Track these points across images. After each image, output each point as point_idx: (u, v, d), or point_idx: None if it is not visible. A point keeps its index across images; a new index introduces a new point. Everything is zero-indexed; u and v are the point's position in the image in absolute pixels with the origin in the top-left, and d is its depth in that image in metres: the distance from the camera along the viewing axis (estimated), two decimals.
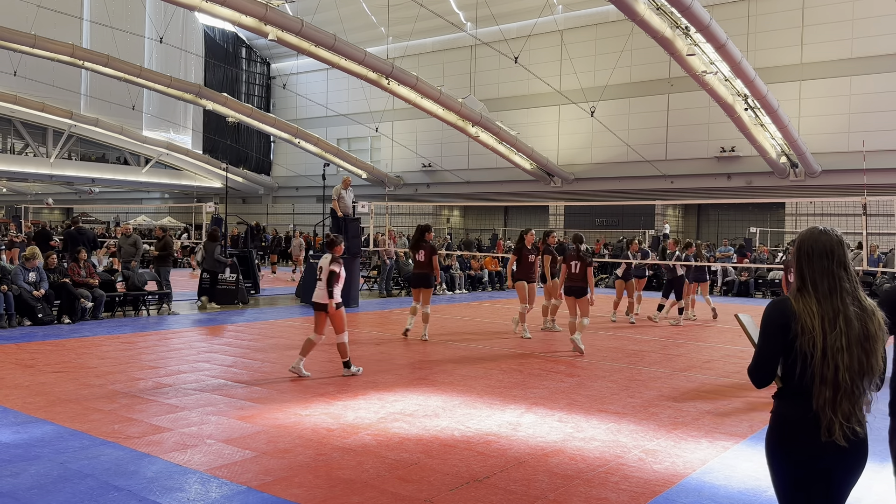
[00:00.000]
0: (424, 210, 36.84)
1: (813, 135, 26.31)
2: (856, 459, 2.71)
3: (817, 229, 2.79)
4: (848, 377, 2.60)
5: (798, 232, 26.30)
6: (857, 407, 2.66)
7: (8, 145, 43.97)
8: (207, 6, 21.74)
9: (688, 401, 7.22)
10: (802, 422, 2.68)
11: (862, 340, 2.63)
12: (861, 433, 2.67)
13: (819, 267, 2.71)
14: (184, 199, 47.51)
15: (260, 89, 45.12)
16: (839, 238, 2.75)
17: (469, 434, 5.85)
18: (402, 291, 19.68)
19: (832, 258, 2.71)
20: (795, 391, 2.70)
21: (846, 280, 2.70)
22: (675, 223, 31.47)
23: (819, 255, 2.71)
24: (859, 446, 2.69)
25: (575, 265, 10.21)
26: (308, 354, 8.09)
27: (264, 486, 4.56)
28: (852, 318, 2.64)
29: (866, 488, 4.55)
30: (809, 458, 2.70)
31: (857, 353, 2.62)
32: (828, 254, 2.71)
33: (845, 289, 2.68)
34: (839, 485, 2.74)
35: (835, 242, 2.73)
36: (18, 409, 6.31)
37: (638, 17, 19.41)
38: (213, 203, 29.38)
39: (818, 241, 2.74)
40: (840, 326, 2.62)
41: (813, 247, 2.74)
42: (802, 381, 2.67)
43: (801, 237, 2.81)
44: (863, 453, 2.72)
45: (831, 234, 2.76)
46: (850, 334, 2.62)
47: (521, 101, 34.01)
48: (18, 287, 11.43)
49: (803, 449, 2.69)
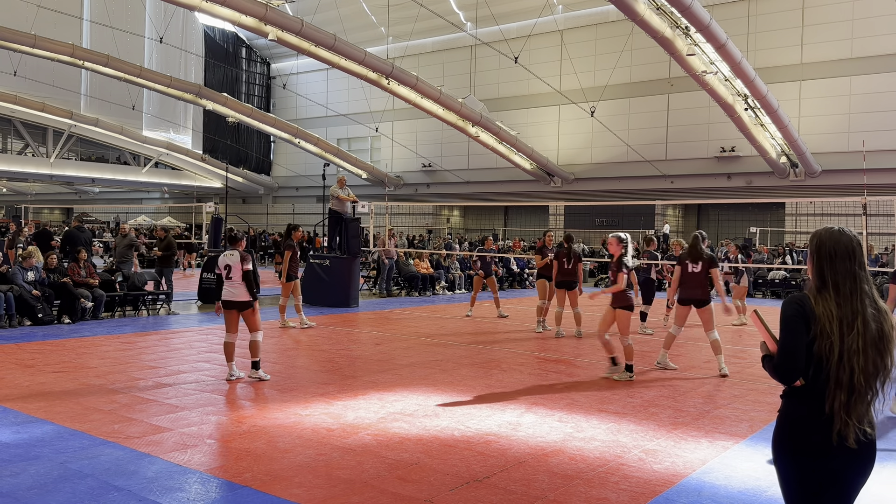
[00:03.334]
0: (424, 210, 36.86)
1: (813, 135, 26.32)
2: (865, 461, 2.70)
3: (836, 229, 2.77)
4: (863, 379, 2.60)
5: (798, 232, 26.31)
6: (869, 408, 2.66)
7: (8, 145, 43.98)
8: (207, 6, 21.74)
9: (688, 401, 7.22)
10: (812, 422, 2.67)
11: (877, 341, 2.64)
12: (871, 435, 2.67)
13: (842, 269, 2.69)
14: (184, 199, 47.51)
15: (260, 89, 45.13)
16: (857, 238, 2.75)
17: (469, 434, 5.85)
18: (402, 291, 19.68)
19: (853, 259, 2.70)
20: (806, 392, 2.69)
21: (865, 281, 2.70)
22: (675, 223, 31.47)
23: (842, 257, 2.70)
24: (869, 448, 2.68)
25: (567, 262, 11.28)
26: (234, 357, 7.85)
27: (264, 486, 4.56)
28: (869, 320, 2.64)
29: (866, 489, 4.55)
30: (818, 459, 2.68)
31: (871, 355, 2.62)
32: (850, 255, 2.70)
33: (864, 290, 2.68)
34: (848, 487, 2.73)
35: (854, 243, 2.72)
36: (18, 409, 6.31)
37: (638, 17, 19.41)
38: (213, 203, 29.40)
39: (839, 243, 2.72)
40: (858, 328, 2.62)
41: (835, 248, 2.72)
42: (815, 382, 2.66)
43: (820, 238, 2.77)
44: (872, 455, 2.71)
45: (850, 234, 2.75)
46: (866, 336, 2.62)
47: (521, 101, 34.02)
48: (18, 287, 11.43)
49: (812, 450, 2.67)
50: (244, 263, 7.76)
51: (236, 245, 7.96)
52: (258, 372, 7.78)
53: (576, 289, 11.39)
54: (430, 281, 19.93)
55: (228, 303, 7.82)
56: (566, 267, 11.36)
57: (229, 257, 7.85)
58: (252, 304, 7.83)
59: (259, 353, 7.84)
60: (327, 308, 15.16)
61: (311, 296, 15.95)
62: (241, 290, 7.78)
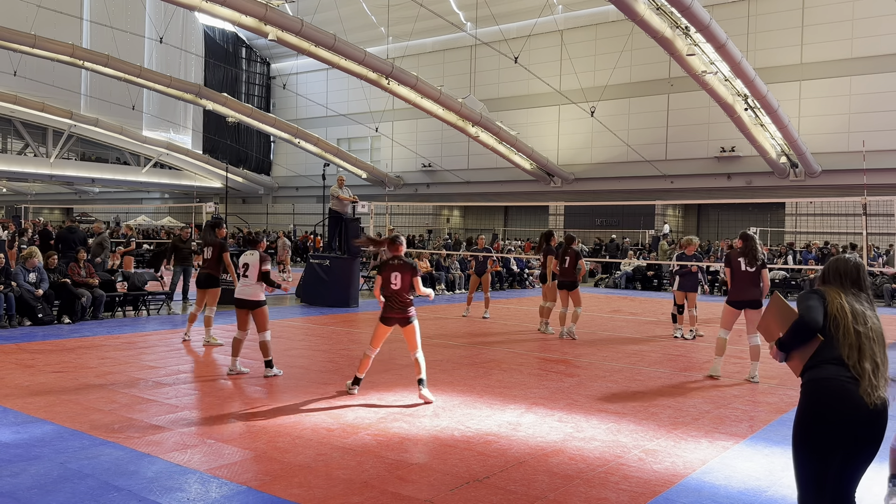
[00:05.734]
0: (424, 210, 36.86)
1: (813, 135, 26.32)
2: (881, 427, 3.11)
3: (842, 257, 3.41)
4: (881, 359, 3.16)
5: (798, 232, 26.36)
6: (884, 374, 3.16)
7: (8, 145, 43.97)
8: (207, 6, 21.74)
9: (688, 401, 7.22)
10: (838, 391, 3.08)
11: (882, 335, 3.22)
12: (887, 401, 3.12)
13: (837, 282, 3.34)
14: (184, 199, 47.52)
15: (260, 89, 45.12)
16: (859, 264, 3.35)
17: (469, 434, 5.85)
18: None
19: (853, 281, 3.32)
20: (828, 359, 3.15)
21: (862, 293, 3.32)
22: (675, 223, 31.49)
23: (842, 277, 3.33)
24: (884, 414, 3.11)
25: (567, 261, 11.33)
26: (240, 353, 8.08)
27: (264, 486, 4.56)
28: (873, 317, 3.24)
29: (866, 489, 4.55)
30: (844, 424, 3.06)
31: (881, 345, 3.20)
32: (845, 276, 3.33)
33: (864, 297, 3.31)
34: (863, 456, 3.13)
35: (852, 267, 3.33)
36: (18, 409, 6.31)
37: (638, 17, 19.41)
38: (213, 203, 29.39)
39: (838, 268, 3.36)
40: (871, 321, 3.21)
41: (837, 271, 3.36)
42: (833, 349, 3.15)
43: (828, 264, 3.44)
44: (885, 421, 3.13)
45: (853, 260, 3.36)
46: (876, 327, 3.21)
47: (521, 101, 34.02)
48: (19, 287, 11.43)
49: (839, 415, 3.06)
50: (263, 264, 7.95)
51: (256, 246, 8.29)
52: (272, 370, 7.97)
53: (577, 289, 11.40)
54: (430, 281, 19.93)
55: (241, 301, 7.95)
56: (566, 267, 11.38)
57: (249, 256, 8.05)
58: (264, 304, 7.96)
59: (270, 352, 7.99)
60: (327, 308, 15.16)
61: (311, 296, 15.97)
62: (255, 289, 7.93)
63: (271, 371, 7.96)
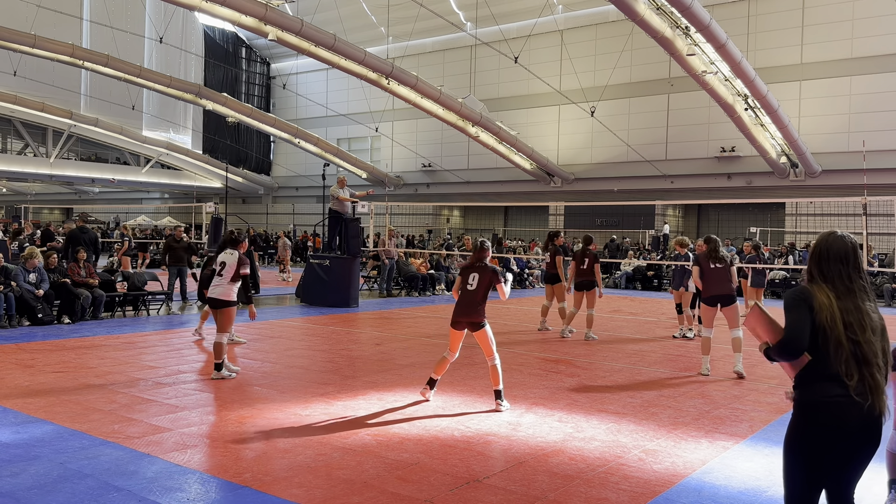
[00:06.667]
0: (424, 210, 36.86)
1: (813, 135, 26.31)
2: (878, 429, 2.94)
3: (834, 234, 3.08)
4: (882, 361, 2.93)
5: (798, 232, 26.34)
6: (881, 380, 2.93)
7: (8, 145, 43.96)
8: (207, 6, 21.74)
9: (688, 401, 7.22)
10: (831, 404, 2.89)
11: (882, 330, 2.98)
12: (884, 411, 2.94)
13: (834, 269, 3.01)
14: (184, 199, 47.51)
15: (260, 89, 45.11)
16: (854, 243, 3.05)
17: (469, 434, 5.85)
18: (402, 291, 19.68)
19: (846, 262, 3.01)
20: (821, 375, 2.94)
21: (858, 281, 3.01)
22: (675, 223, 31.48)
23: (834, 259, 3.02)
24: (880, 419, 2.94)
25: (585, 262, 11.38)
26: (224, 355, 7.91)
27: (264, 486, 4.56)
28: (871, 312, 2.96)
29: (866, 489, 4.55)
30: (836, 437, 2.89)
31: (881, 341, 2.96)
32: (842, 258, 3.01)
33: (860, 288, 3.00)
34: (861, 457, 2.98)
35: (849, 247, 3.02)
36: (18, 409, 6.31)
37: (638, 17, 19.41)
38: (212, 203, 29.39)
39: (832, 246, 3.04)
40: (865, 320, 2.93)
41: (828, 250, 3.04)
42: (827, 365, 2.91)
43: (818, 240, 3.11)
44: (881, 422, 2.96)
45: (846, 239, 3.04)
46: (874, 326, 2.94)
47: (521, 101, 34.01)
48: (20, 287, 11.43)
49: (834, 436, 2.89)
50: (242, 267, 7.86)
51: (238, 247, 8.06)
52: (221, 372, 7.74)
53: (594, 289, 11.35)
54: (430, 281, 19.95)
55: (211, 300, 7.91)
56: (582, 268, 11.41)
57: (228, 256, 7.97)
58: (232, 305, 7.87)
59: (223, 355, 7.78)
60: (327, 308, 15.16)
61: (311, 296, 15.96)
62: (227, 289, 7.86)
63: (219, 374, 7.72)
